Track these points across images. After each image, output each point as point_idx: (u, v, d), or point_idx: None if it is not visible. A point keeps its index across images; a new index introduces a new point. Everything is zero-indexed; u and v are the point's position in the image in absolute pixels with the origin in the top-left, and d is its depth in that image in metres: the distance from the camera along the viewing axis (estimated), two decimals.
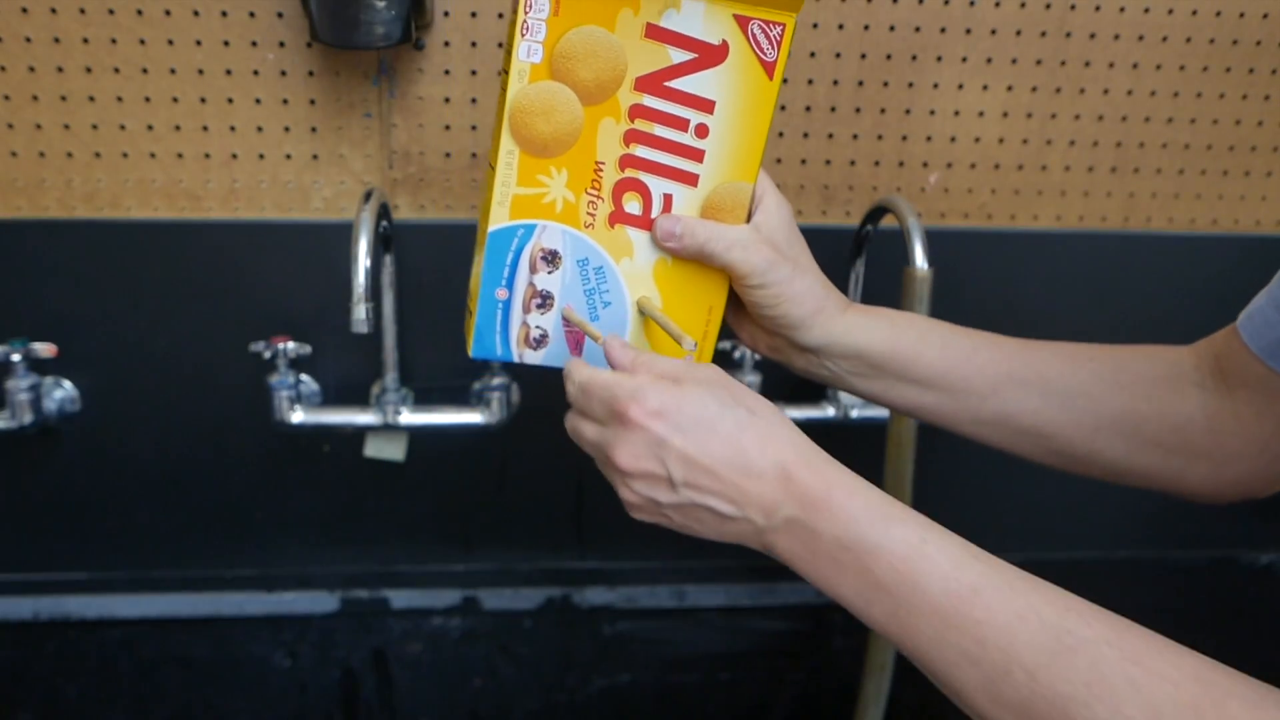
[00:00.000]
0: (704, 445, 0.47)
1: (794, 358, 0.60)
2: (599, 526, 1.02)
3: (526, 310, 0.58)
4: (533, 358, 0.59)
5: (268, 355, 0.88)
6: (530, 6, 0.50)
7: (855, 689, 0.95)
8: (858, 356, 0.58)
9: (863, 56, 0.91)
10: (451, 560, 1.02)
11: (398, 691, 1.03)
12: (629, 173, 0.55)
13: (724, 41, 0.53)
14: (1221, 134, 0.97)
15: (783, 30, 0.53)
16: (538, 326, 0.58)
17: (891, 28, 0.90)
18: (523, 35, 0.50)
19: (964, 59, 0.92)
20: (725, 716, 1.08)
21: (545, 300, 0.58)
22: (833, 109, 0.92)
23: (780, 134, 0.92)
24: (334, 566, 1.00)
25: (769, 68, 0.54)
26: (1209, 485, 0.56)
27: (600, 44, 0.51)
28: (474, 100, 0.88)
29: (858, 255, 0.91)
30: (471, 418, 0.91)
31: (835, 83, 0.91)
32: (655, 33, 0.52)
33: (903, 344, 0.58)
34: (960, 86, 0.93)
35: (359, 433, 0.95)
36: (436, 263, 0.91)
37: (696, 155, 0.55)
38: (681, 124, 0.54)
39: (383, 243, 0.86)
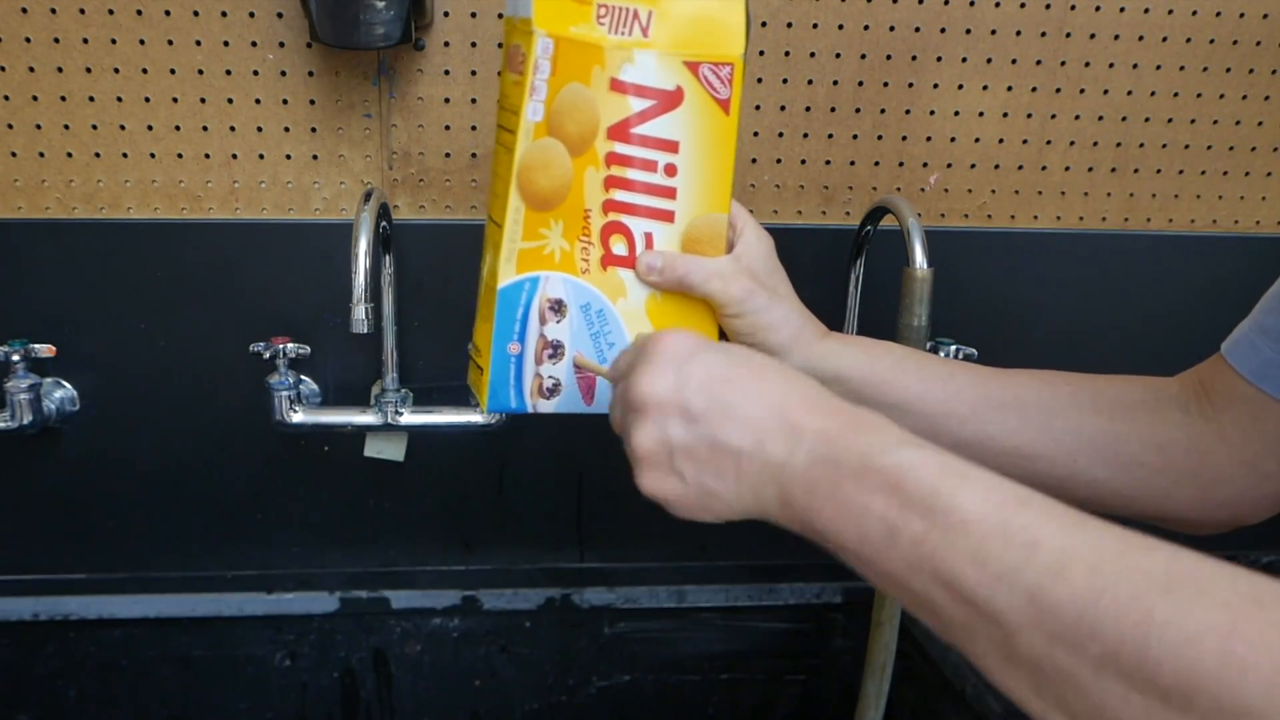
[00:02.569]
0: (725, 373, 0.45)
1: None
2: (599, 527, 1.02)
3: (539, 362, 0.60)
4: (546, 406, 0.61)
5: (267, 355, 0.88)
6: (537, 69, 0.54)
7: (855, 689, 0.94)
8: (836, 381, 0.58)
9: (863, 57, 0.91)
10: (451, 560, 1.02)
11: (398, 691, 1.03)
12: (612, 216, 0.58)
13: (678, 87, 0.57)
14: (1221, 134, 0.97)
15: (732, 70, 0.57)
16: (550, 376, 0.60)
17: (891, 28, 0.90)
18: (530, 96, 0.54)
19: (964, 59, 0.92)
20: (725, 716, 1.08)
21: (556, 350, 0.60)
22: (833, 109, 0.92)
23: (780, 134, 0.92)
24: (334, 566, 1.00)
25: (724, 105, 0.58)
26: (1197, 508, 0.55)
27: (581, 98, 0.55)
28: (474, 100, 0.88)
29: (858, 255, 0.91)
30: (471, 418, 0.91)
31: (835, 83, 0.91)
32: (617, 85, 0.56)
33: (879, 368, 0.58)
34: (960, 87, 0.93)
35: (359, 433, 0.95)
36: (436, 263, 0.91)
37: (669, 193, 0.58)
38: (651, 166, 0.57)
39: (383, 243, 0.86)
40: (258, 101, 0.86)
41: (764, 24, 0.89)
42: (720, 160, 0.59)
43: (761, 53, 0.90)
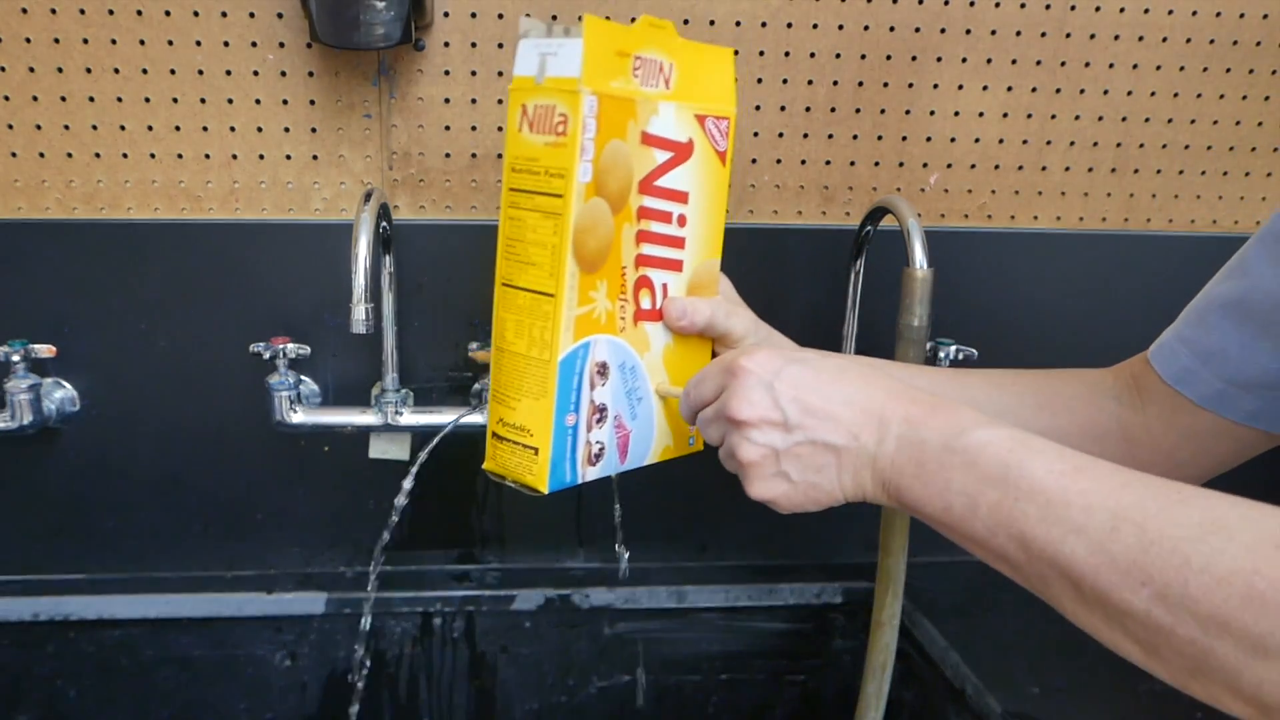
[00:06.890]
0: (812, 383, 0.51)
1: None
2: (599, 526, 1.02)
3: (589, 429, 0.58)
4: (592, 473, 0.60)
5: (267, 355, 0.88)
6: (585, 128, 0.52)
7: (855, 689, 0.94)
8: None
9: (863, 57, 0.91)
10: (451, 560, 1.02)
11: (397, 692, 1.03)
12: (641, 270, 0.58)
13: (690, 139, 0.59)
14: (1221, 134, 0.97)
15: (729, 123, 0.61)
16: (597, 442, 0.59)
17: (891, 28, 0.90)
18: (580, 157, 0.52)
19: (964, 59, 0.92)
20: (725, 716, 1.08)
21: (602, 414, 0.59)
22: (832, 109, 0.92)
23: (780, 134, 0.92)
24: (334, 567, 1.00)
25: (722, 156, 0.61)
26: None
27: (620, 154, 0.55)
28: (474, 101, 0.88)
29: (858, 255, 0.91)
30: (472, 418, 0.91)
31: (835, 83, 0.91)
32: (646, 138, 0.56)
33: None
34: (960, 87, 0.93)
35: (359, 433, 0.94)
36: (436, 263, 0.91)
37: (680, 243, 0.60)
38: (668, 217, 0.59)
39: (383, 243, 0.86)
40: (258, 102, 0.86)
41: (764, 24, 0.89)
42: (718, 209, 0.61)
43: (761, 53, 0.90)
